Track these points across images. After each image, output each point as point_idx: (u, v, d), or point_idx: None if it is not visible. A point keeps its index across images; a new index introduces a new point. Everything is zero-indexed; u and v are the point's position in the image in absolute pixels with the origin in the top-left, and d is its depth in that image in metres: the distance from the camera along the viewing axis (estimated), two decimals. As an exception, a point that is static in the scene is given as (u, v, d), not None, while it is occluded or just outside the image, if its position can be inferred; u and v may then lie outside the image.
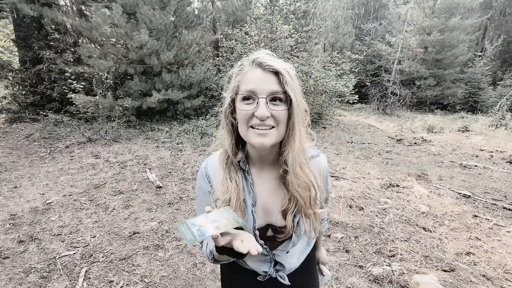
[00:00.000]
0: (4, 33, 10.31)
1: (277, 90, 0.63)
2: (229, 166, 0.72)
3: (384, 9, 19.52)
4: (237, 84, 0.67)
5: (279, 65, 0.63)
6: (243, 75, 0.66)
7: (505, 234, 2.66)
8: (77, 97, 6.02)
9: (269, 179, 0.75)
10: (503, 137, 7.58)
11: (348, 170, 4.47)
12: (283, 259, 0.80)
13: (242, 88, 0.65)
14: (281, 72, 0.63)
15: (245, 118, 0.64)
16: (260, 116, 0.61)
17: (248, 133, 0.65)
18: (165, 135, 6.33)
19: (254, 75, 0.64)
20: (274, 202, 0.74)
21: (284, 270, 0.81)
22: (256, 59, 0.65)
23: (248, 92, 0.63)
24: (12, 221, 2.74)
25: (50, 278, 2.01)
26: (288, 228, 0.72)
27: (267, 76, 0.63)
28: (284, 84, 0.62)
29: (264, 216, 0.75)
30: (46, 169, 4.20)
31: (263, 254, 0.78)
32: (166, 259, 2.27)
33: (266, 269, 0.80)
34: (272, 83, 0.63)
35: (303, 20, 11.38)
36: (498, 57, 17.66)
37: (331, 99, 8.82)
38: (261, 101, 0.62)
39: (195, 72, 7.27)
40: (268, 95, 0.62)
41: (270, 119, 0.63)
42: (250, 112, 0.63)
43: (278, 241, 0.76)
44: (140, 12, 6.24)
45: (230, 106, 0.70)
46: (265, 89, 0.62)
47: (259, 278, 0.81)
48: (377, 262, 2.24)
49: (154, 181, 3.74)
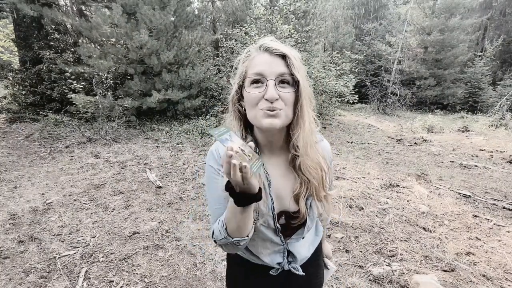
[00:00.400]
0: (4, 33, 10.31)
1: (284, 72, 0.64)
2: None
3: (384, 9, 19.51)
4: (245, 70, 0.69)
5: (286, 49, 0.65)
6: (251, 61, 0.68)
7: (505, 234, 2.66)
8: (77, 97, 6.02)
9: (278, 165, 0.75)
10: (503, 137, 7.58)
11: (348, 170, 4.47)
12: (296, 249, 0.80)
13: (250, 72, 0.66)
14: (288, 55, 0.64)
15: (254, 102, 0.65)
16: (270, 98, 0.62)
17: (257, 116, 0.65)
18: (165, 135, 6.33)
19: (262, 59, 0.65)
20: (286, 187, 0.74)
21: (296, 261, 0.81)
22: (263, 44, 0.67)
23: (256, 74, 0.65)
24: (12, 221, 2.74)
25: (50, 278, 2.02)
26: (302, 212, 0.73)
27: (274, 59, 0.65)
28: (291, 67, 0.64)
29: (277, 201, 0.74)
30: (46, 169, 4.20)
31: (277, 243, 0.77)
32: (166, 259, 2.27)
33: (279, 260, 0.79)
34: (280, 65, 0.64)
35: (303, 20, 11.37)
36: (498, 57, 17.65)
37: (331, 99, 8.82)
38: (270, 83, 0.63)
39: (195, 72, 7.27)
40: (277, 77, 0.64)
41: (278, 101, 0.64)
42: (259, 95, 0.64)
43: (292, 226, 0.76)
44: (140, 12, 6.24)
45: (237, 93, 0.72)
46: (273, 71, 0.64)
47: (272, 272, 0.80)
48: (377, 262, 2.24)
49: (154, 181, 3.74)
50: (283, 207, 0.75)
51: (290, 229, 0.77)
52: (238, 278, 0.89)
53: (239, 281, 0.89)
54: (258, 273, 0.83)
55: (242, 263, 0.84)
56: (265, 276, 0.82)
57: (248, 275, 0.85)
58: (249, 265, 0.83)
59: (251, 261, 0.82)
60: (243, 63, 0.70)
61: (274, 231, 0.75)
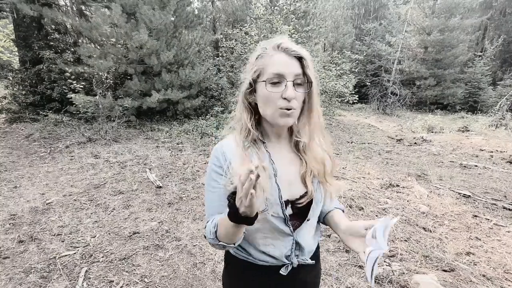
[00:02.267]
0: (4, 33, 10.31)
1: (299, 73, 0.69)
2: (249, 142, 0.76)
3: (384, 9, 19.51)
4: (262, 67, 0.71)
5: (302, 51, 0.70)
6: (269, 58, 0.70)
7: (505, 234, 2.66)
8: (77, 97, 6.01)
9: (285, 151, 0.80)
10: (503, 137, 7.59)
11: (348, 170, 4.47)
12: (304, 240, 0.81)
13: (269, 71, 0.69)
14: (304, 57, 0.69)
15: (273, 100, 0.69)
16: (289, 97, 0.67)
17: (275, 114, 0.70)
18: (165, 135, 6.33)
19: (281, 60, 0.69)
20: (293, 171, 0.78)
21: (303, 253, 0.82)
22: (281, 44, 0.70)
23: (276, 75, 0.68)
24: (12, 221, 2.74)
25: (50, 278, 2.01)
26: (310, 191, 0.77)
27: (291, 60, 0.69)
28: (305, 68, 0.70)
29: (286, 187, 0.76)
30: (46, 169, 4.20)
31: (287, 234, 0.78)
32: (166, 259, 2.27)
33: (288, 252, 0.79)
34: (296, 66, 0.69)
35: (303, 20, 11.37)
36: (498, 57, 17.66)
37: (331, 99, 8.83)
38: (289, 84, 0.68)
39: (195, 72, 7.27)
40: (294, 78, 0.69)
41: (293, 101, 0.69)
42: (279, 94, 0.68)
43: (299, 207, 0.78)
44: (140, 12, 6.24)
45: (250, 86, 0.75)
46: (291, 72, 0.68)
47: (282, 271, 0.79)
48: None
49: (154, 181, 3.74)
50: (291, 194, 0.77)
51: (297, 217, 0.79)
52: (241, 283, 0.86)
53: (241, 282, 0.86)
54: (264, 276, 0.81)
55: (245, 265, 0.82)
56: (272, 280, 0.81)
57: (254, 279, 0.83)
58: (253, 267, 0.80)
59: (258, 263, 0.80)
60: (259, 59, 0.72)
61: (283, 220, 0.76)
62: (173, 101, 7.23)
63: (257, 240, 0.78)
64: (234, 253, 0.84)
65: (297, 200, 0.77)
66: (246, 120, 0.76)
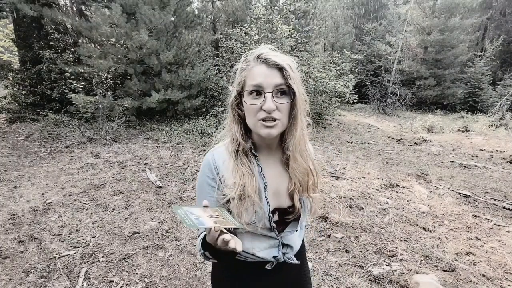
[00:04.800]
0: (4, 33, 10.30)
1: (281, 83, 0.67)
2: (240, 154, 0.76)
3: (384, 9, 19.50)
4: (244, 79, 0.72)
5: (282, 61, 0.68)
6: (249, 71, 0.70)
7: (505, 234, 2.66)
8: (77, 97, 6.01)
9: (275, 164, 0.80)
10: (503, 137, 7.59)
11: (348, 170, 4.47)
12: (290, 240, 0.84)
13: (249, 83, 0.70)
14: (285, 67, 0.67)
15: (253, 112, 0.69)
16: (267, 109, 0.66)
17: (257, 126, 0.70)
18: (165, 135, 6.33)
19: (260, 71, 0.68)
20: (281, 184, 0.79)
21: (291, 252, 0.85)
22: (260, 55, 0.69)
23: (255, 87, 0.68)
24: (12, 221, 2.74)
25: (50, 278, 2.01)
26: (297, 207, 0.78)
27: (271, 71, 0.68)
28: (287, 78, 0.67)
29: (274, 198, 0.78)
30: (46, 169, 4.20)
31: (273, 238, 0.81)
32: (166, 259, 2.27)
33: (275, 253, 0.82)
34: (276, 77, 0.67)
35: (303, 20, 11.38)
36: (498, 57, 17.64)
37: (331, 99, 8.82)
38: (268, 95, 0.67)
39: (195, 72, 7.27)
40: (274, 89, 0.67)
41: (275, 112, 0.68)
42: (258, 106, 0.68)
43: (287, 221, 0.81)
44: (140, 12, 6.24)
45: (236, 98, 0.75)
46: (271, 84, 0.67)
47: (268, 266, 0.82)
48: (377, 262, 2.24)
49: (154, 181, 3.74)
50: (279, 203, 0.79)
51: (283, 224, 0.81)
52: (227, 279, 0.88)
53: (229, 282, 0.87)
54: (250, 271, 0.84)
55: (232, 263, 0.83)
56: (258, 274, 0.83)
57: (240, 275, 0.85)
58: (241, 264, 0.83)
59: (244, 260, 0.82)
60: (241, 72, 0.73)
61: (269, 229, 0.79)
62: (173, 101, 7.23)
63: (244, 243, 0.79)
64: None
65: (284, 210, 0.80)
66: (236, 131, 0.75)
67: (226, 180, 0.75)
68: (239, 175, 0.72)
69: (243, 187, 0.71)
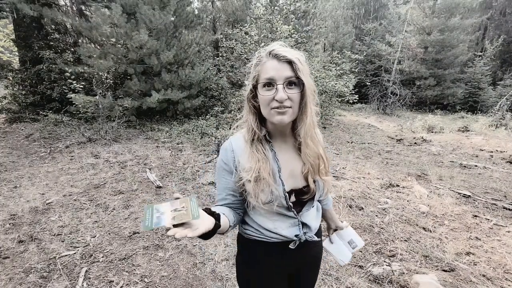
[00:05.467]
0: (4, 33, 10.30)
1: (291, 76, 0.76)
2: (256, 141, 0.85)
3: (384, 9, 19.49)
4: (258, 74, 0.80)
5: (292, 55, 0.76)
6: (262, 66, 0.78)
7: (505, 234, 2.66)
8: (77, 97, 6.01)
9: (288, 149, 0.89)
10: (503, 137, 7.58)
11: (348, 170, 4.46)
12: (308, 220, 0.93)
13: (262, 77, 0.78)
14: (294, 61, 0.75)
15: (267, 102, 0.78)
16: (279, 99, 0.75)
17: (270, 114, 0.78)
18: (165, 135, 6.33)
19: (272, 66, 0.76)
20: (296, 167, 0.88)
21: (310, 231, 0.94)
22: (272, 51, 0.78)
23: (268, 80, 0.76)
24: (12, 221, 2.74)
25: (50, 278, 2.01)
26: (312, 187, 0.87)
27: (282, 65, 0.76)
28: (297, 71, 0.76)
29: (290, 180, 0.87)
30: (46, 169, 4.20)
31: (292, 217, 0.90)
32: (166, 259, 2.27)
33: (297, 232, 0.91)
34: (287, 70, 0.76)
35: (303, 20, 11.38)
36: (498, 57, 17.64)
37: (331, 99, 8.81)
38: (279, 87, 0.75)
39: (195, 72, 7.27)
40: (284, 81, 0.75)
41: (287, 101, 0.76)
42: (271, 96, 0.76)
43: (303, 200, 0.90)
44: (140, 12, 6.24)
45: (251, 92, 0.84)
46: (282, 76, 0.75)
47: (291, 245, 0.91)
48: (377, 262, 2.24)
49: (154, 181, 3.74)
50: (295, 184, 0.88)
51: (301, 204, 0.91)
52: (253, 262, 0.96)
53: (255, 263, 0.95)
54: (275, 251, 0.92)
55: (258, 243, 0.92)
56: (282, 253, 0.92)
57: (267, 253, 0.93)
58: (265, 244, 0.91)
59: (269, 240, 0.91)
60: (255, 67, 0.81)
61: (287, 208, 0.87)
62: (173, 101, 7.23)
63: (267, 224, 0.90)
64: (247, 236, 0.95)
65: (300, 190, 0.89)
66: (251, 121, 0.84)
67: (242, 164, 0.84)
68: (255, 160, 0.82)
69: (258, 171, 0.80)
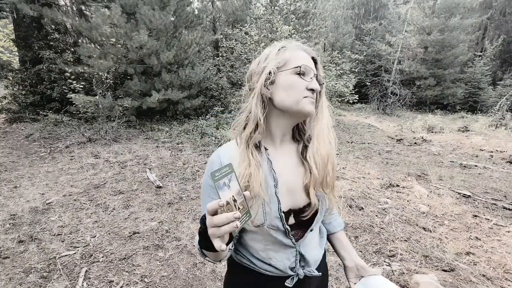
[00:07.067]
0: (4, 33, 10.30)
1: (316, 73, 0.74)
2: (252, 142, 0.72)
3: (384, 9, 19.51)
4: (287, 59, 0.73)
5: (316, 54, 0.77)
6: (293, 52, 0.73)
7: (505, 234, 2.66)
8: (77, 97, 6.01)
9: (288, 155, 0.78)
10: (503, 137, 7.58)
11: (348, 170, 4.47)
12: (308, 251, 0.78)
13: (296, 62, 0.72)
14: (318, 60, 0.76)
15: (299, 88, 0.71)
16: (316, 88, 0.71)
17: (302, 102, 0.71)
18: (165, 135, 6.33)
19: (304, 56, 0.73)
20: (296, 178, 0.75)
21: (309, 265, 0.78)
22: (298, 45, 0.76)
23: (304, 67, 0.71)
24: (12, 221, 2.74)
25: (50, 278, 2.01)
26: (314, 203, 0.73)
27: (310, 61, 0.74)
28: (319, 70, 0.76)
29: (288, 197, 0.73)
30: (46, 169, 4.20)
31: (289, 246, 0.75)
32: (166, 259, 2.27)
33: (292, 264, 0.76)
34: (313, 67, 0.75)
35: (303, 20, 11.38)
36: (498, 57, 17.65)
37: (331, 99, 8.83)
38: (315, 78, 0.73)
39: (195, 72, 7.27)
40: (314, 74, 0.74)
41: (315, 93, 0.73)
42: (305, 83, 0.71)
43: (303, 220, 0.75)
44: (139, 12, 6.24)
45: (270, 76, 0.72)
46: (312, 69, 0.74)
47: (287, 283, 0.76)
48: (377, 262, 2.24)
49: (154, 181, 3.74)
50: (294, 203, 0.74)
51: (299, 227, 0.76)
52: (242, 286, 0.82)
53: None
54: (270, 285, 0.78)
55: (249, 271, 0.79)
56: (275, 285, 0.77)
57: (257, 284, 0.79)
58: (258, 276, 0.78)
59: (263, 272, 0.77)
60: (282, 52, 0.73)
61: (284, 233, 0.73)
62: (173, 101, 7.23)
63: (259, 252, 0.76)
64: (238, 260, 0.80)
65: (300, 210, 0.74)
66: (259, 112, 0.71)
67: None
68: (246, 164, 0.68)
69: (249, 178, 0.66)
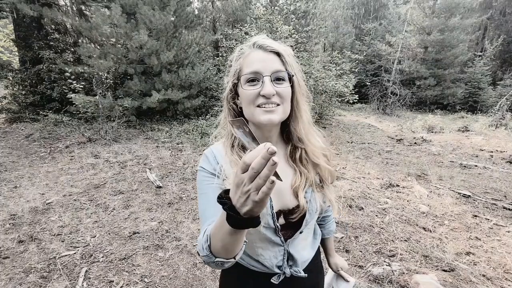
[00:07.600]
0: (4, 33, 10.31)
1: (280, 69, 0.65)
2: (236, 148, 0.71)
3: (384, 9, 19.50)
4: (239, 68, 0.68)
5: (279, 46, 0.67)
6: (245, 58, 0.67)
7: (505, 234, 2.66)
8: (77, 97, 6.01)
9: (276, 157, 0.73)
10: (503, 137, 7.58)
11: (348, 170, 4.46)
12: (297, 251, 0.77)
13: (245, 70, 0.66)
14: (282, 53, 0.66)
15: (250, 99, 0.65)
16: (267, 94, 0.62)
17: (255, 112, 0.65)
18: (165, 135, 6.33)
19: (257, 57, 0.65)
20: (284, 183, 0.72)
21: (296, 264, 0.78)
22: (256, 42, 0.67)
23: (252, 73, 0.64)
24: (12, 221, 2.74)
25: (50, 278, 2.01)
26: (302, 206, 0.71)
27: (269, 56, 0.65)
28: (285, 64, 0.66)
29: (277, 199, 0.71)
30: (46, 169, 4.20)
31: (277, 244, 0.74)
32: (166, 259, 2.27)
33: (279, 263, 0.76)
34: (275, 62, 0.65)
35: (303, 20, 11.38)
36: (498, 57, 17.63)
37: (331, 99, 8.81)
38: (266, 79, 0.63)
39: (195, 72, 7.27)
40: (272, 73, 0.64)
41: (275, 96, 0.64)
42: (256, 91, 0.64)
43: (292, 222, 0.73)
44: (139, 12, 6.24)
45: (231, 91, 0.71)
46: (269, 68, 0.64)
47: (273, 279, 0.75)
48: (377, 262, 2.24)
49: (154, 181, 3.74)
50: (283, 204, 0.73)
51: (290, 228, 0.75)
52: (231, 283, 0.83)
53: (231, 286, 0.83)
54: (257, 281, 0.78)
55: (238, 270, 0.79)
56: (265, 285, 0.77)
57: (246, 283, 0.79)
58: (247, 272, 0.78)
59: (250, 268, 0.77)
60: (236, 61, 0.69)
61: (274, 231, 0.72)
62: (173, 101, 7.24)
63: (247, 247, 0.74)
64: None
65: (289, 211, 0.73)
66: (231, 127, 0.69)
67: (227, 171, 0.69)
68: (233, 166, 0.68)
69: None
